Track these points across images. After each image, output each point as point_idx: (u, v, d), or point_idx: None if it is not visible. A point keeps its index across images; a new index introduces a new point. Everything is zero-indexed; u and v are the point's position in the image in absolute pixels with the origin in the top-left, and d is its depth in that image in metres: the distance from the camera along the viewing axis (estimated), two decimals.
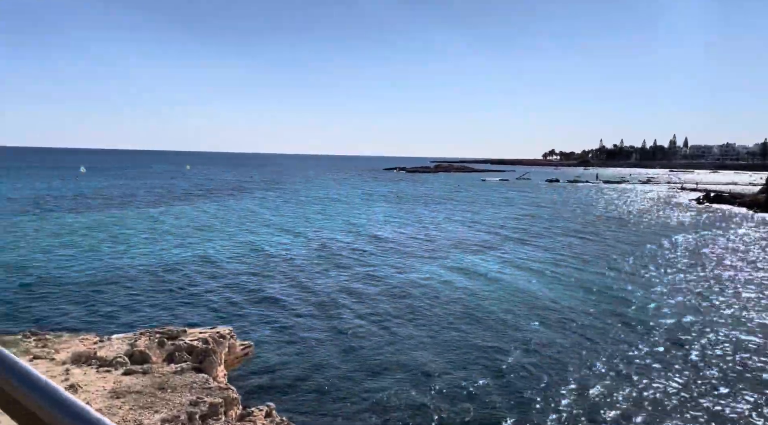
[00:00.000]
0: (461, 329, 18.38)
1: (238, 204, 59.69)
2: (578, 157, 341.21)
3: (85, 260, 27.16)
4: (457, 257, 31.14)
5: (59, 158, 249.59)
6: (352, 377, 14.27)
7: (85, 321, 17.83)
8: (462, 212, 56.54)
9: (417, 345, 16.67)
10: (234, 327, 14.41)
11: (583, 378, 14.61)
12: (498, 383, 14.21)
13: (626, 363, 15.77)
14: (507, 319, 19.61)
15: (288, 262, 28.45)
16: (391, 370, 14.73)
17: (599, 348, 16.91)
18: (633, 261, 31.15)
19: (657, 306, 21.77)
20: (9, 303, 19.58)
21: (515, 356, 16.06)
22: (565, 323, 19.34)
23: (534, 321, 19.47)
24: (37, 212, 45.42)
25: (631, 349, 16.86)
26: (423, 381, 14.13)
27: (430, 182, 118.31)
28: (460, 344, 16.91)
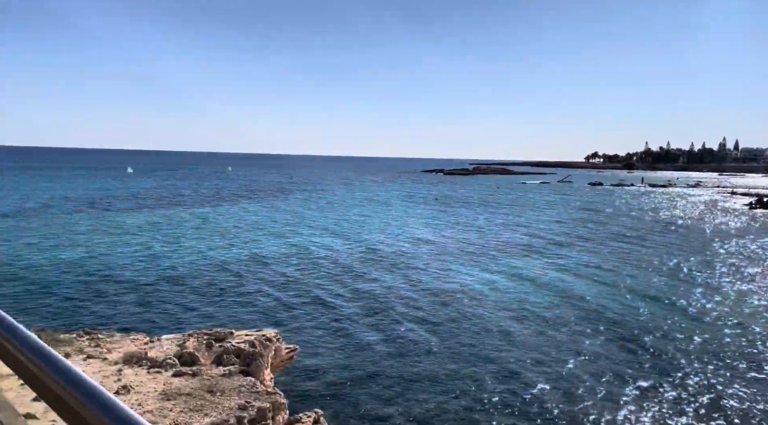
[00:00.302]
0: (512, 335, 17.98)
1: (282, 205, 60.33)
2: (622, 160, 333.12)
3: (136, 259, 27.79)
4: (502, 260, 30.63)
5: (101, 159, 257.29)
6: (398, 383, 14.08)
7: (135, 320, 18.17)
8: (503, 215, 55.74)
9: (465, 352, 16.35)
10: (279, 330, 14.39)
11: (641, 389, 14.05)
12: (553, 392, 13.79)
13: (688, 373, 15.11)
14: (559, 325, 19.10)
15: (333, 264, 28.48)
16: (439, 377, 14.47)
17: (662, 360, 16.27)
18: (686, 267, 30.05)
19: (718, 315, 20.91)
20: (66, 300, 20.14)
21: (570, 364, 15.60)
22: (619, 331, 18.73)
23: (586, 327, 18.90)
24: (91, 212, 46.86)
25: (692, 361, 16.17)
26: (472, 389, 13.83)
27: (468, 184, 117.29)
28: (512, 351, 16.52)
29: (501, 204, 70.04)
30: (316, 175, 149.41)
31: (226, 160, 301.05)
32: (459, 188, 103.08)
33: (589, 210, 65.22)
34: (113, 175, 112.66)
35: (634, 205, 74.65)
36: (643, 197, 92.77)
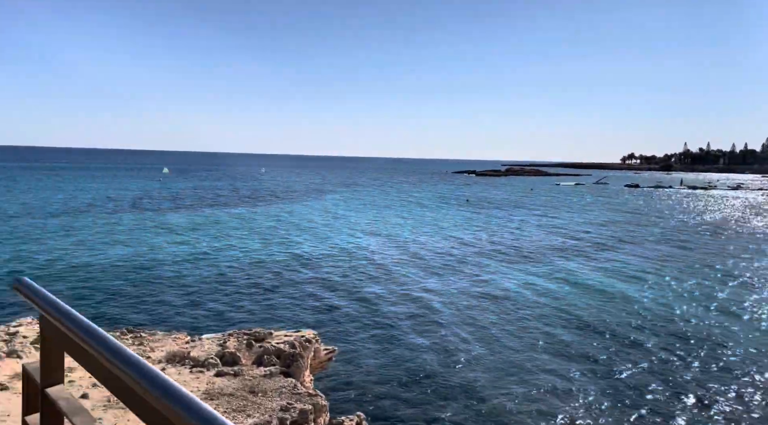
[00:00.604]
0: (562, 340, 17.53)
1: (320, 205, 60.70)
2: (660, 161, 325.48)
3: (178, 257, 28.18)
4: (543, 263, 30.07)
5: (135, 159, 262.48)
6: (440, 388, 13.83)
7: (175, 319, 18.35)
8: (539, 217, 54.86)
9: (511, 358, 15.99)
10: (317, 330, 14.31)
11: (697, 399, 13.52)
12: (605, 401, 13.36)
13: (746, 379, 14.50)
14: (607, 331, 18.57)
15: (371, 264, 28.38)
16: (481, 384, 14.15)
17: (720, 366, 15.67)
18: (735, 272, 29.02)
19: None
20: (109, 298, 20.50)
21: (631, 370, 15.14)
22: (670, 337, 18.12)
23: (638, 334, 18.33)
24: (134, 211, 47.85)
25: (748, 366, 15.52)
26: (517, 398, 13.49)
27: (501, 186, 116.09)
28: (563, 358, 16.09)
29: (536, 206, 69.01)
30: (347, 176, 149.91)
31: (269, 162, 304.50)
32: (492, 189, 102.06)
33: (628, 212, 63.72)
34: (150, 175, 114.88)
35: (675, 208, 72.69)
36: (683, 199, 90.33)
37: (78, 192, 65.90)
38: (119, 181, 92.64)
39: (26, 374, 2.48)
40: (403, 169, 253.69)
